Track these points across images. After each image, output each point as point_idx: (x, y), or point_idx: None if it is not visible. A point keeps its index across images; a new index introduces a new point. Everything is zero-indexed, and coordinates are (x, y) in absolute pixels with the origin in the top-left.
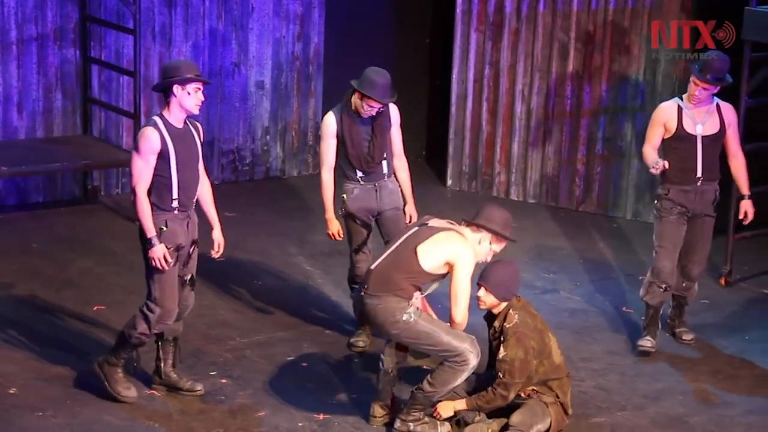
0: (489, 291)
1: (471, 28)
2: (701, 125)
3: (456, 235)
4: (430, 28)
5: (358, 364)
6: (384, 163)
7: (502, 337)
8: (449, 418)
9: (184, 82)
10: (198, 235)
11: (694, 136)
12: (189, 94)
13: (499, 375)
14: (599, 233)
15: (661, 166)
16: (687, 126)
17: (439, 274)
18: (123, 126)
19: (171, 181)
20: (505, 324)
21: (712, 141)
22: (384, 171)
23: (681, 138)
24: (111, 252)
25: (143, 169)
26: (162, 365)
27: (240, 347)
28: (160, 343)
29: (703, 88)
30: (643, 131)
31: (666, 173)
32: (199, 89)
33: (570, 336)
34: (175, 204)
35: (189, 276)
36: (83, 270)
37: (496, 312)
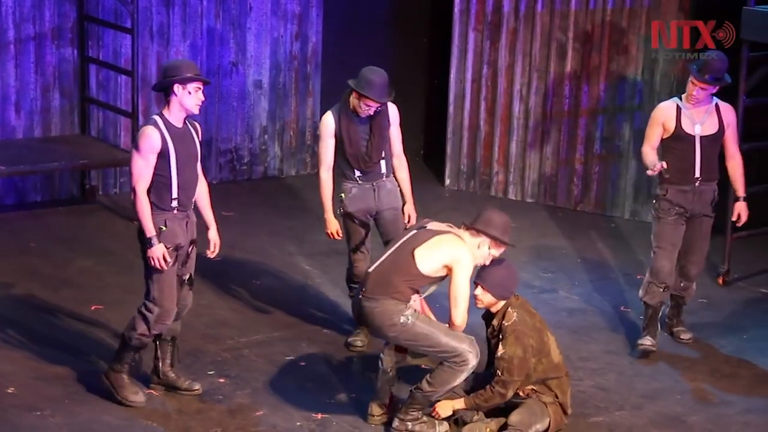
0: (486, 290)
1: (469, 27)
2: (700, 125)
3: (454, 238)
4: (428, 27)
5: (356, 363)
6: (382, 163)
7: (501, 335)
8: (448, 417)
9: (185, 81)
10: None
11: (692, 136)
12: (190, 93)
13: (498, 373)
14: (597, 233)
15: (659, 167)
16: (685, 126)
17: (438, 276)
18: (121, 125)
19: (171, 181)
20: (504, 322)
21: (710, 141)
22: (382, 171)
23: (679, 138)
24: (109, 251)
25: (143, 168)
26: (160, 365)
27: (238, 347)
28: (158, 343)
29: (701, 88)
30: (642, 131)
31: (664, 173)
32: (200, 89)
33: (568, 335)
34: (175, 204)
35: (187, 276)
36: (81, 269)
37: (494, 311)
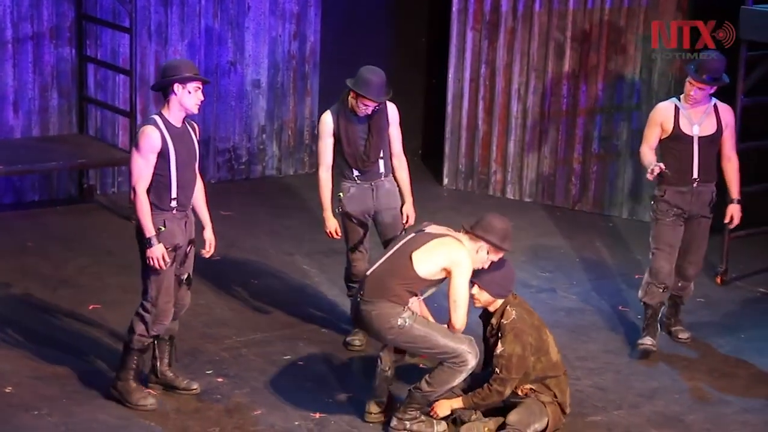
0: (483, 288)
1: (467, 26)
2: (698, 126)
3: (453, 241)
4: (426, 26)
5: (354, 363)
6: (380, 163)
7: (499, 334)
8: (446, 416)
9: (184, 80)
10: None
11: (690, 136)
12: (190, 93)
13: (497, 371)
14: (595, 232)
15: (657, 171)
16: (683, 126)
17: (436, 279)
18: (119, 125)
19: (170, 181)
20: (503, 320)
21: (708, 142)
22: (381, 170)
23: (677, 138)
24: (107, 251)
25: (143, 168)
26: (158, 364)
27: (236, 346)
28: (156, 342)
29: (699, 88)
30: (640, 130)
31: (664, 174)
32: (199, 88)
33: (566, 335)
34: (174, 204)
35: (186, 275)
36: (79, 269)
37: (492, 309)
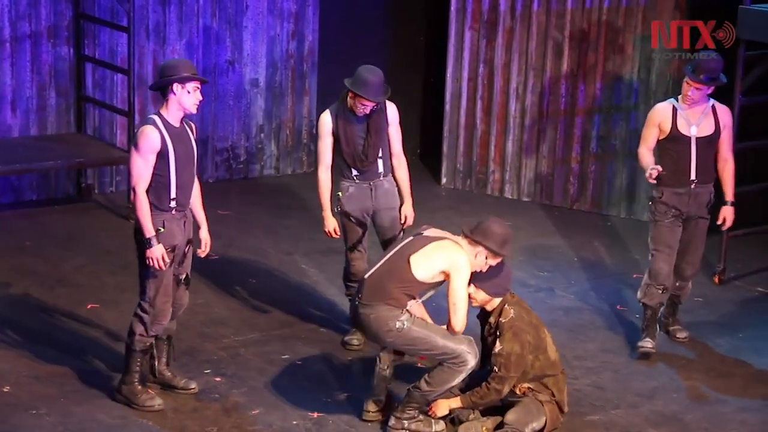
0: (479, 287)
1: (465, 26)
2: (695, 126)
3: (451, 244)
4: (424, 26)
5: (352, 362)
6: (379, 162)
7: (497, 332)
8: (444, 416)
9: (183, 80)
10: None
11: (688, 137)
12: (188, 93)
13: (495, 369)
14: (593, 231)
15: (656, 173)
16: (681, 127)
17: (434, 282)
18: (117, 124)
19: (169, 181)
20: (501, 319)
21: (706, 143)
22: (379, 170)
23: (675, 139)
24: (105, 250)
25: (143, 169)
26: (156, 363)
27: (234, 345)
28: (154, 341)
29: (696, 88)
30: (638, 130)
31: (660, 174)
32: (198, 88)
33: (564, 334)
34: (173, 204)
35: (184, 275)
36: (77, 268)
37: (489, 309)
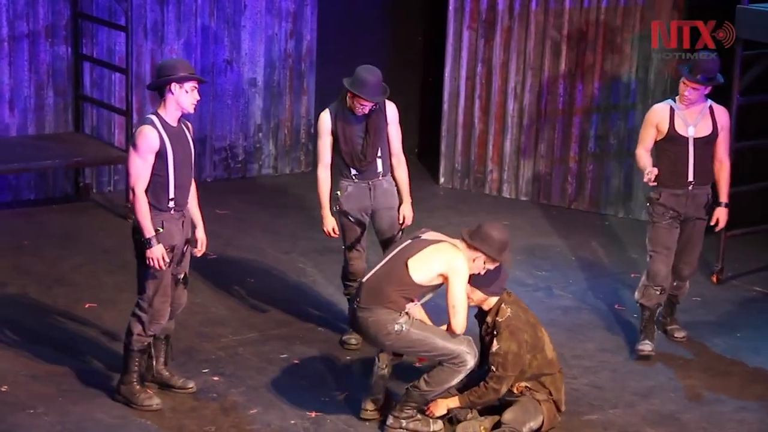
0: (476, 287)
1: (463, 25)
2: (693, 127)
3: (449, 247)
4: (422, 25)
5: (350, 361)
6: (378, 162)
7: (495, 331)
8: (442, 415)
9: (181, 80)
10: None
11: (685, 137)
12: (187, 92)
13: (492, 368)
14: (591, 231)
15: (653, 175)
16: (678, 127)
17: (433, 285)
18: (115, 123)
19: (168, 181)
20: (498, 318)
21: (703, 143)
22: (378, 169)
23: (673, 140)
24: (103, 249)
25: (142, 169)
26: (154, 363)
27: (232, 345)
28: (152, 341)
29: (693, 88)
30: (636, 129)
31: (658, 176)
32: (196, 88)
33: (562, 334)
34: (172, 204)
35: (182, 275)
36: (75, 267)
37: (486, 308)
